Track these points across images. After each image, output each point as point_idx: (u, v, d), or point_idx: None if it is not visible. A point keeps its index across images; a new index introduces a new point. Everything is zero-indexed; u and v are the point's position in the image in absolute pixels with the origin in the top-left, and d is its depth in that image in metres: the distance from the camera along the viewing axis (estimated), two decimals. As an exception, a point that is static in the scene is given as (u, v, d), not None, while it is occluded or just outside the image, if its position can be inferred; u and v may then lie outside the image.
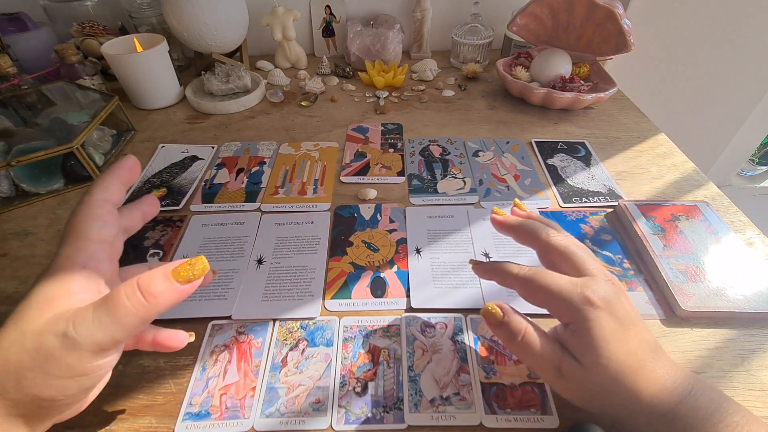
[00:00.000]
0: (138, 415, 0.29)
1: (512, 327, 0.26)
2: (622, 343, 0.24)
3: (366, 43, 0.71)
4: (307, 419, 0.28)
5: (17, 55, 0.65)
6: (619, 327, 0.24)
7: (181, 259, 0.22)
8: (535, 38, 0.64)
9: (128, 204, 0.28)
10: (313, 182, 0.49)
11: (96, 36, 0.66)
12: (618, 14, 0.54)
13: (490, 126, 0.59)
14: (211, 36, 0.63)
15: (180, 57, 0.76)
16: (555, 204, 0.46)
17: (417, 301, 0.36)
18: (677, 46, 0.80)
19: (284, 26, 0.70)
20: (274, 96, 0.65)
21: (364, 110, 0.63)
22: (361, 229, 0.43)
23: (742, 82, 0.83)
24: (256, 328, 0.34)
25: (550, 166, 0.51)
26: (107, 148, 0.53)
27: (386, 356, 0.32)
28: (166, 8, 0.61)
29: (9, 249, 0.42)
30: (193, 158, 0.53)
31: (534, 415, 0.28)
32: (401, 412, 0.29)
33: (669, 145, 0.55)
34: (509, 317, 0.26)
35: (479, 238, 0.41)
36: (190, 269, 0.22)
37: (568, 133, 0.57)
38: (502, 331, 0.27)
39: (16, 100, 0.55)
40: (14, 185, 0.47)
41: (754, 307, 0.33)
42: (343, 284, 0.37)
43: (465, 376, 0.31)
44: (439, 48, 0.82)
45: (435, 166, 0.51)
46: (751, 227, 0.42)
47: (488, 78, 0.72)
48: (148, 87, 0.62)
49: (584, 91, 0.59)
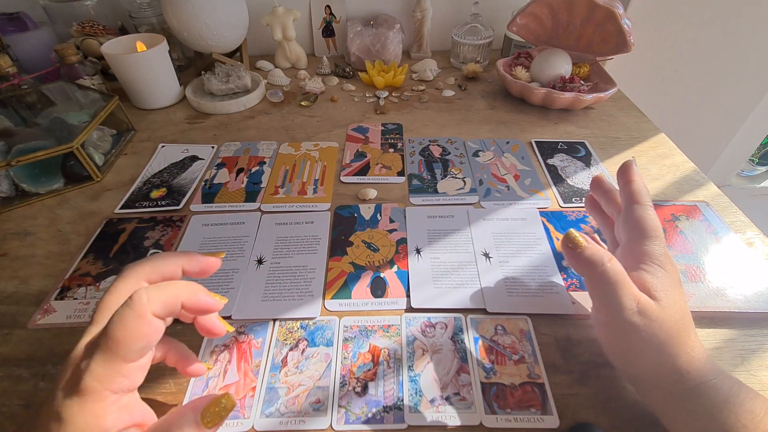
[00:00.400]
0: (138, 415, 0.29)
1: (595, 254, 0.26)
2: (684, 301, 0.26)
3: (366, 43, 0.71)
4: (307, 419, 0.28)
5: (17, 55, 0.65)
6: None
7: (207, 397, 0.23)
8: (535, 38, 0.64)
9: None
10: (313, 182, 0.49)
11: (96, 36, 0.66)
12: (618, 14, 0.54)
13: (490, 126, 0.59)
14: (211, 36, 0.63)
15: (180, 57, 0.76)
16: (555, 204, 0.46)
17: (417, 301, 0.36)
18: (677, 46, 0.80)
19: (284, 26, 0.70)
20: (274, 96, 0.65)
21: (364, 110, 0.63)
22: (361, 229, 0.43)
23: (742, 82, 0.83)
24: (256, 328, 0.34)
25: (550, 166, 0.51)
26: (107, 148, 0.53)
27: (386, 356, 0.32)
28: (166, 8, 0.61)
29: (9, 249, 0.42)
30: (193, 158, 0.53)
31: (534, 415, 0.28)
32: (401, 412, 0.29)
33: (669, 145, 0.55)
34: (592, 244, 0.26)
35: (479, 238, 0.41)
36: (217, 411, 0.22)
37: (568, 133, 0.57)
38: (584, 258, 0.26)
39: (16, 100, 0.55)
40: (14, 185, 0.46)
41: (754, 307, 0.34)
42: (343, 284, 0.37)
43: (465, 376, 0.31)
44: (439, 48, 0.82)
45: (435, 166, 0.51)
46: (751, 227, 0.42)
47: (488, 78, 0.72)
48: (148, 87, 0.62)
49: (584, 91, 0.59)
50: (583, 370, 0.31)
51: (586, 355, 0.32)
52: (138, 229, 0.43)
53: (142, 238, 0.42)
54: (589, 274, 0.26)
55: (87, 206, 0.47)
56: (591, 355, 0.32)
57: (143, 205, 0.46)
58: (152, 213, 0.45)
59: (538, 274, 0.38)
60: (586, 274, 0.26)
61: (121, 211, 0.45)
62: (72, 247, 0.41)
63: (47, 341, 0.33)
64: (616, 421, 0.28)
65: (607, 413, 0.29)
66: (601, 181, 0.33)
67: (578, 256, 0.26)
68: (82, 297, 0.36)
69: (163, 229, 0.43)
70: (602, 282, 0.25)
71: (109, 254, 0.40)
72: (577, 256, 0.26)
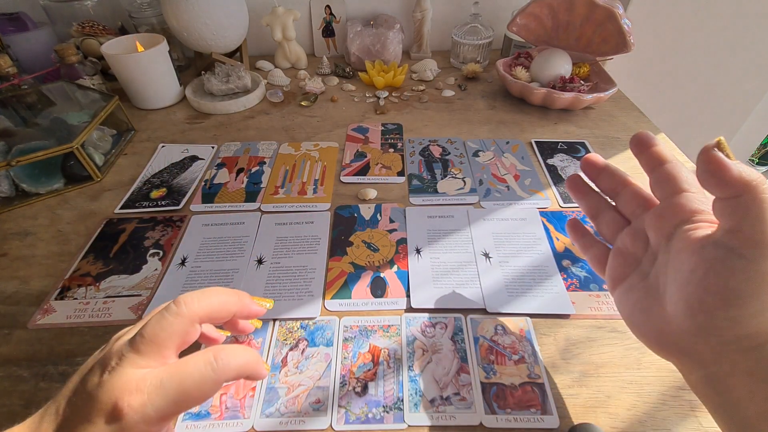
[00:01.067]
0: (138, 415, 0.29)
1: (751, 172, 0.20)
2: None
3: (366, 43, 0.71)
4: (307, 419, 0.28)
5: (17, 55, 0.65)
6: None
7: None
8: (535, 38, 0.64)
9: None
10: (313, 182, 0.49)
11: (96, 36, 0.66)
12: (618, 14, 0.54)
13: (490, 126, 0.59)
14: (211, 36, 0.63)
15: (180, 57, 0.76)
16: (555, 204, 0.46)
17: (417, 301, 0.36)
18: (677, 46, 0.80)
19: (284, 26, 0.70)
20: (274, 96, 0.65)
21: (364, 110, 0.63)
22: (361, 229, 0.43)
23: (742, 82, 0.83)
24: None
25: (550, 166, 0.51)
26: (107, 148, 0.53)
27: (386, 356, 0.32)
28: (166, 8, 0.61)
29: (9, 249, 0.42)
30: (193, 158, 0.53)
31: (534, 415, 0.28)
32: (401, 412, 0.29)
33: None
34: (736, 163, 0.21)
35: (479, 238, 0.41)
36: None
37: (568, 133, 0.57)
38: (737, 173, 0.20)
39: (16, 100, 0.55)
40: (14, 185, 0.47)
41: (754, 307, 0.33)
42: (343, 284, 0.37)
43: (465, 376, 0.31)
44: (439, 48, 0.82)
45: (435, 166, 0.51)
46: (751, 227, 0.42)
47: (488, 78, 0.72)
48: (148, 87, 0.62)
49: (584, 91, 0.59)
50: (583, 370, 0.31)
51: (586, 355, 0.32)
52: (138, 229, 0.43)
53: (142, 238, 0.42)
54: (748, 193, 0.20)
55: (87, 206, 0.47)
56: (591, 355, 0.32)
57: (143, 205, 0.46)
58: (152, 213, 0.45)
59: (538, 274, 0.38)
60: (743, 191, 0.20)
61: (121, 211, 0.45)
62: (72, 247, 0.41)
63: (47, 341, 0.33)
64: (616, 421, 0.28)
65: (607, 413, 0.29)
66: (594, 159, 0.29)
67: (735, 170, 0.20)
68: (82, 297, 0.36)
69: (163, 229, 0.43)
70: (763, 203, 0.20)
71: (109, 254, 0.40)
72: (734, 170, 0.20)
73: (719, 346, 0.22)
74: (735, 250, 0.21)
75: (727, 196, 0.21)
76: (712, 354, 0.22)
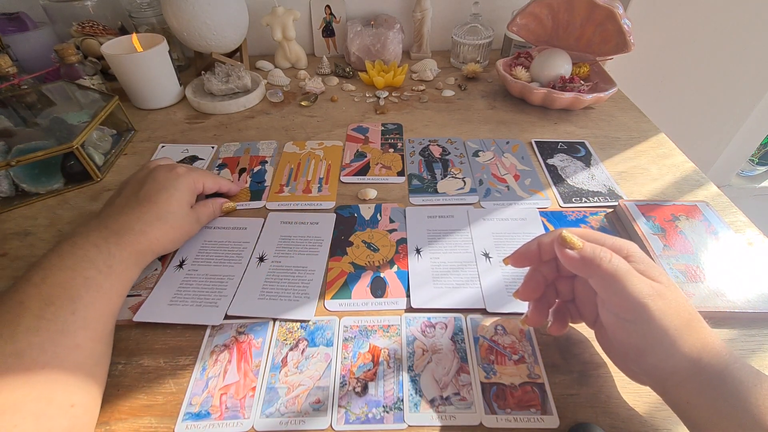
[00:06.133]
0: (138, 415, 0.29)
1: (596, 249, 0.25)
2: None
3: (366, 43, 0.71)
4: (307, 419, 0.28)
5: (17, 55, 0.65)
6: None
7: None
8: (535, 38, 0.64)
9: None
10: (318, 180, 0.49)
11: (96, 36, 0.66)
12: (618, 14, 0.54)
13: (490, 126, 0.59)
14: (211, 36, 0.63)
15: (180, 57, 0.76)
16: (555, 204, 0.46)
17: (417, 301, 0.36)
18: (677, 46, 0.80)
19: (284, 26, 0.70)
20: (274, 96, 0.65)
21: (364, 110, 0.63)
22: (361, 229, 0.43)
23: (742, 82, 0.83)
24: (256, 328, 0.34)
25: (550, 166, 0.51)
26: (107, 148, 0.53)
27: (386, 356, 0.32)
28: (166, 8, 0.61)
29: (9, 249, 0.42)
30: (193, 158, 0.53)
31: (534, 415, 0.28)
32: (401, 412, 0.29)
33: (669, 145, 0.55)
34: (588, 243, 0.26)
35: (479, 238, 0.41)
36: None
37: (568, 133, 0.57)
38: (586, 257, 0.25)
39: (16, 100, 0.55)
40: (14, 185, 0.46)
41: (754, 307, 0.33)
42: (343, 284, 0.37)
43: (465, 376, 0.31)
44: (439, 48, 0.82)
45: (435, 166, 0.51)
46: (751, 227, 0.42)
47: (488, 78, 0.72)
48: (148, 87, 0.62)
49: (584, 91, 0.59)
50: (583, 370, 0.31)
51: (586, 355, 0.32)
52: (138, 229, 0.43)
53: (142, 238, 0.42)
54: (595, 271, 0.25)
55: (87, 206, 0.47)
56: (591, 355, 0.32)
57: (143, 205, 0.46)
58: (152, 213, 0.45)
59: (538, 274, 0.38)
60: (592, 272, 0.25)
61: (121, 211, 0.45)
62: (72, 247, 0.41)
63: (47, 341, 0.33)
64: (616, 421, 0.28)
65: (607, 413, 0.29)
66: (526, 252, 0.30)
67: (578, 257, 0.25)
68: (82, 297, 0.36)
69: (163, 229, 0.43)
70: (613, 276, 0.24)
71: (109, 254, 0.40)
72: (577, 257, 0.25)
73: (658, 382, 0.25)
74: (619, 316, 0.25)
75: (586, 276, 0.26)
76: (659, 387, 0.26)
